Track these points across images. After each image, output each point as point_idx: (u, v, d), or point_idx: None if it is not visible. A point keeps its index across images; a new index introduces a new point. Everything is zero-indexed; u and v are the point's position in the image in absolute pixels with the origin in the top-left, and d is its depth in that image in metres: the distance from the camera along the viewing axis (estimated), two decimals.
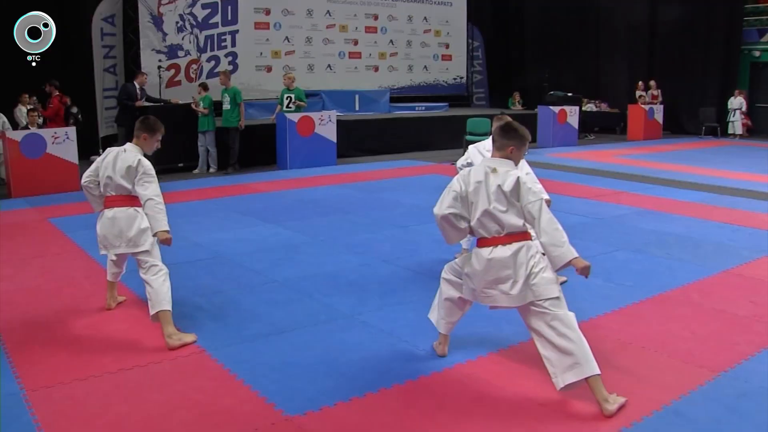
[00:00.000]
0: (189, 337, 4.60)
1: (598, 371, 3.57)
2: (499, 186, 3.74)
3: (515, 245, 3.75)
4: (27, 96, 12.88)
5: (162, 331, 4.56)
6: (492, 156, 3.95)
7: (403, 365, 4.18)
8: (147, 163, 4.79)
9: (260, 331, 4.76)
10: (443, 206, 3.93)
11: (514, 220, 3.75)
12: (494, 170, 3.80)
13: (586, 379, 3.57)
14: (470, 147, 6.15)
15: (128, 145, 4.89)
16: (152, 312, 4.60)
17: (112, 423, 3.52)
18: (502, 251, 3.74)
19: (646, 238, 7.37)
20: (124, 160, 4.76)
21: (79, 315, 5.15)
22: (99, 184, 4.89)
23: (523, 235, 3.80)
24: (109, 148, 4.95)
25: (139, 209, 4.78)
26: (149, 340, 4.59)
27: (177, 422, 3.51)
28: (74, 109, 13.31)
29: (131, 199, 4.79)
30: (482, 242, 3.84)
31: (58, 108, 12.92)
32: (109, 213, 4.79)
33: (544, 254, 3.80)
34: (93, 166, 4.97)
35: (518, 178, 3.75)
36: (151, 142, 4.93)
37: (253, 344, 4.54)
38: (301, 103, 13.56)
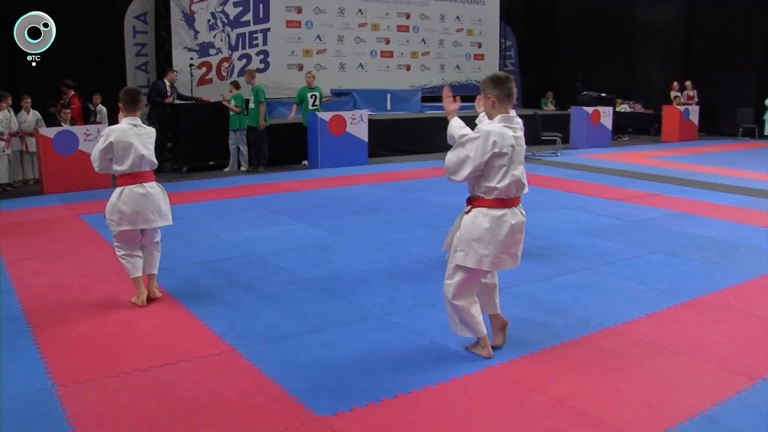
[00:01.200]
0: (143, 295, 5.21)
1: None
2: (523, 145, 4.01)
3: (520, 206, 4.03)
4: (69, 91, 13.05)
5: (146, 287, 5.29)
6: (504, 115, 4.03)
7: (435, 366, 4.17)
8: None
9: (291, 330, 4.78)
10: (461, 176, 4.04)
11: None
12: (515, 130, 4.00)
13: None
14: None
15: (133, 119, 5.19)
16: (153, 272, 5.35)
17: (142, 419, 3.55)
18: (519, 214, 4.00)
19: (680, 242, 7.27)
20: (148, 134, 5.21)
21: (111, 311, 5.22)
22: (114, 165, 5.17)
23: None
24: (109, 128, 5.20)
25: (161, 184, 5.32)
26: (180, 338, 4.64)
27: (207, 420, 3.54)
28: (92, 106, 13.35)
29: (153, 174, 5.26)
30: (495, 203, 3.96)
31: (79, 107, 12.99)
32: (140, 189, 5.11)
33: None
34: (103, 150, 5.12)
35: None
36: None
37: (284, 343, 4.56)
38: (327, 97, 13.69)
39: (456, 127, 4.34)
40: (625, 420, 3.52)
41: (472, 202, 4.08)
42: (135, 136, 5.09)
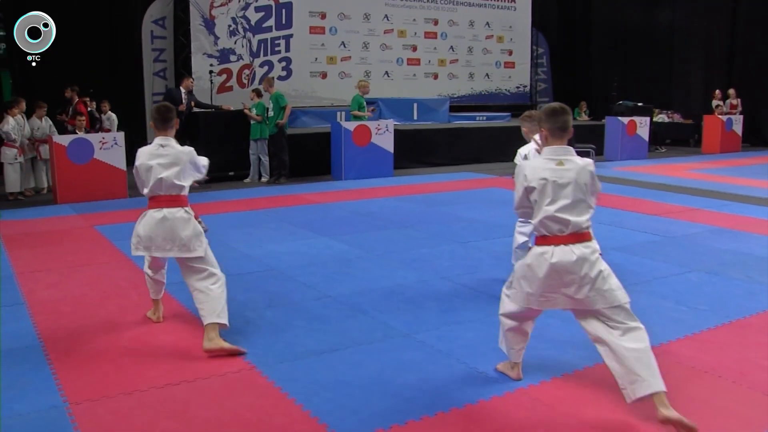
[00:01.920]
0: (229, 346, 4.65)
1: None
2: (570, 179, 3.79)
3: (579, 244, 3.79)
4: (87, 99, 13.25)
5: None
6: (553, 147, 3.94)
7: (462, 388, 4.15)
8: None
9: (313, 348, 4.79)
10: (517, 212, 4.09)
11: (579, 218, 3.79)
12: (560, 162, 3.85)
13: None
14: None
15: (164, 139, 4.93)
16: (206, 322, 4.70)
17: None
18: (569, 253, 3.76)
19: (722, 259, 7.19)
20: (174, 155, 4.86)
21: (125, 326, 5.26)
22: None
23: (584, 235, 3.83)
24: (139, 150, 4.97)
25: (189, 210, 4.90)
26: (197, 355, 4.66)
27: None
28: (97, 113, 13.48)
29: (181, 199, 4.89)
30: (539, 240, 3.87)
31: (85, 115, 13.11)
32: (157, 214, 4.82)
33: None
34: (135, 173, 5.01)
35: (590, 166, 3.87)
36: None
37: (305, 361, 4.57)
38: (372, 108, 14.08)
39: None
40: None
41: None
42: (157, 157, 4.85)
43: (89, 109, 13.11)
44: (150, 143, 4.95)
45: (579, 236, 3.80)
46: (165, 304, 5.47)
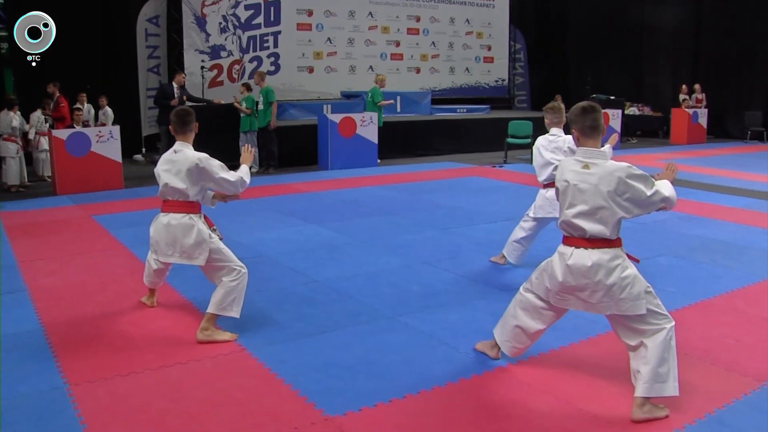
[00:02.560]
0: (222, 336, 4.63)
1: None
2: (591, 184, 3.58)
3: (596, 250, 3.58)
4: (83, 95, 13.15)
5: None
6: (585, 149, 3.69)
7: (444, 368, 4.17)
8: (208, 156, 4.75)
9: (301, 331, 4.79)
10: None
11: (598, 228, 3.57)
12: (586, 165, 3.62)
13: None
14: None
15: (181, 144, 4.75)
16: (207, 311, 4.64)
17: (153, 419, 3.57)
18: (584, 257, 3.58)
19: (689, 244, 7.25)
20: (182, 162, 4.65)
21: (122, 312, 5.24)
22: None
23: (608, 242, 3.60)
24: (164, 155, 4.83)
25: (194, 217, 4.67)
26: (191, 338, 4.64)
27: (217, 420, 3.55)
28: (81, 105, 13.34)
29: (187, 205, 4.68)
30: (563, 239, 3.74)
31: (67, 107, 12.86)
32: (164, 218, 4.69)
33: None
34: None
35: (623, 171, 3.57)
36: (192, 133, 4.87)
37: (294, 344, 4.57)
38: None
39: None
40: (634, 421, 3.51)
41: None
42: (168, 162, 4.70)
43: (77, 105, 12.94)
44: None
45: (599, 242, 3.58)
46: (160, 290, 5.44)
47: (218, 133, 12.82)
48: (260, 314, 5.14)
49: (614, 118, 17.25)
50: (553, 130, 6.20)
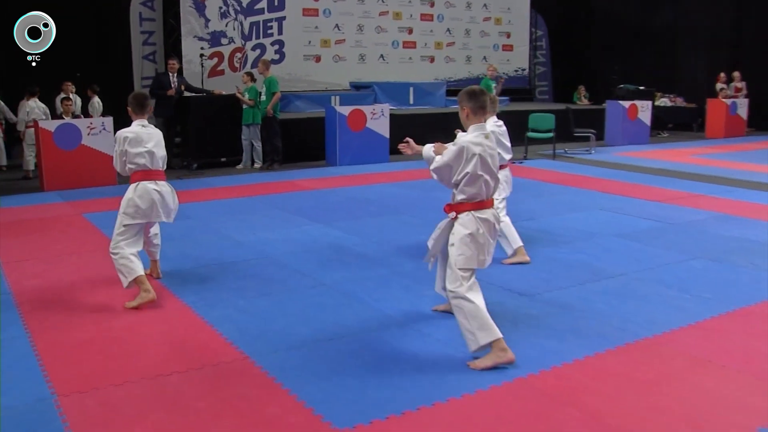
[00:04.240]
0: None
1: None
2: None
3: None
4: (70, 84, 13.23)
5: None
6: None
7: (459, 377, 4.16)
8: None
9: (308, 337, 4.79)
10: None
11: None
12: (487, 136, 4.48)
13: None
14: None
15: (142, 121, 5.72)
16: (157, 258, 6.04)
17: (149, 431, 3.57)
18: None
19: (726, 246, 7.20)
20: (157, 134, 5.76)
21: (115, 315, 5.25)
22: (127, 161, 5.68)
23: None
24: (120, 131, 5.73)
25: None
26: (190, 344, 4.66)
27: (218, 431, 3.55)
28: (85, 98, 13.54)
29: (164, 174, 5.79)
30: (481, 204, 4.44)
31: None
32: (153, 186, 5.61)
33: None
34: (120, 153, 5.67)
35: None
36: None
37: (299, 351, 4.57)
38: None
39: None
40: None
41: None
42: (145, 134, 5.67)
43: (63, 95, 13.01)
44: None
45: None
46: (157, 293, 5.46)
47: (219, 125, 12.87)
48: (264, 319, 5.14)
49: (643, 110, 17.20)
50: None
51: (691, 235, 7.69)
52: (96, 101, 13.89)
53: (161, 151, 5.77)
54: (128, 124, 5.74)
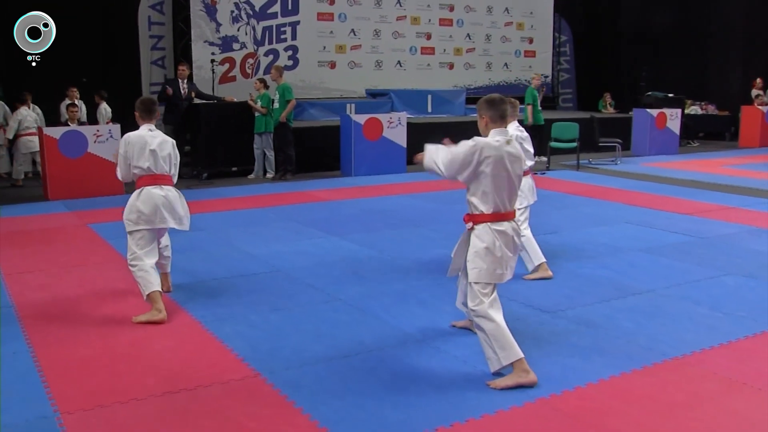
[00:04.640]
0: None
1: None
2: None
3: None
4: (75, 90, 13.33)
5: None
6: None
7: (479, 397, 4.15)
8: None
9: (321, 354, 4.80)
10: None
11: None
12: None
13: None
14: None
15: (149, 126, 5.75)
16: (167, 270, 6.06)
17: None
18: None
19: (760, 261, 7.15)
20: (165, 140, 5.75)
21: (122, 330, 5.27)
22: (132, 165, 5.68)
23: None
24: (125, 135, 5.75)
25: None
26: (199, 361, 4.67)
27: None
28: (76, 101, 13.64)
29: (172, 179, 5.81)
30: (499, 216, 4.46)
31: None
32: (158, 191, 5.61)
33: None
34: (123, 157, 5.68)
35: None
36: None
37: (313, 368, 4.57)
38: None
39: None
40: None
41: None
42: (151, 139, 5.66)
43: (69, 101, 13.12)
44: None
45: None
46: (166, 307, 5.48)
47: (230, 134, 12.91)
48: (276, 335, 5.15)
49: (672, 118, 17.12)
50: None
51: (722, 249, 7.64)
52: (104, 108, 13.98)
53: (166, 152, 5.74)
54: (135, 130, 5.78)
